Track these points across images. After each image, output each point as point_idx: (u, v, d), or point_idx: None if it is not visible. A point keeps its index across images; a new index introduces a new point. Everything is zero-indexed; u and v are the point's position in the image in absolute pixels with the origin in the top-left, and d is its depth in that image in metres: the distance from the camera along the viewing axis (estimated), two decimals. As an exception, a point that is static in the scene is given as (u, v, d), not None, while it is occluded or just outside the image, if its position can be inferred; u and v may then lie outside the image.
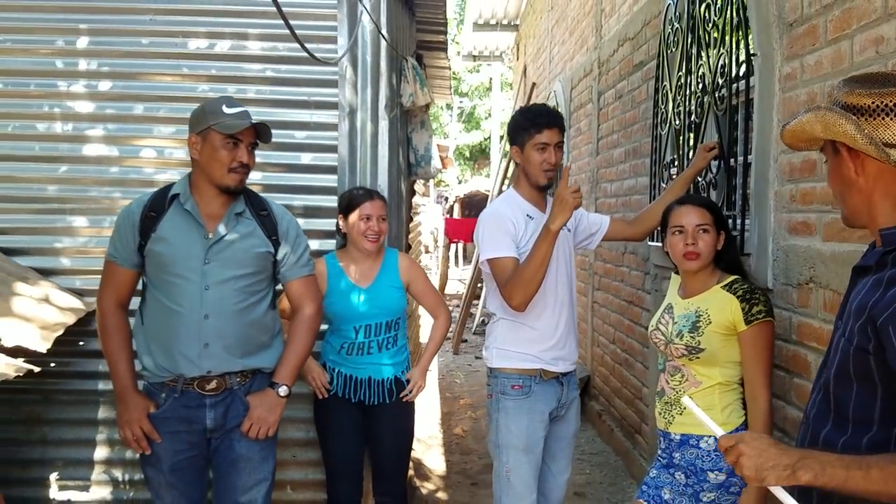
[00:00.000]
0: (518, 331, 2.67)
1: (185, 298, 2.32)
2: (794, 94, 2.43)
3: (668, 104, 3.74)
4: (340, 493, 2.89)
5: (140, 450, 2.36)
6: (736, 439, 1.33)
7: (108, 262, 2.41)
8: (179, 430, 2.37)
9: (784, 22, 2.50)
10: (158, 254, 2.33)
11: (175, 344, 2.33)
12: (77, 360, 3.11)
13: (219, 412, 2.38)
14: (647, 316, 4.19)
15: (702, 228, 2.31)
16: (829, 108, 1.35)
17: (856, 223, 1.44)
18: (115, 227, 2.40)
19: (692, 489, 2.29)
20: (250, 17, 3.08)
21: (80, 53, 3.07)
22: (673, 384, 2.36)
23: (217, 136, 2.28)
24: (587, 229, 2.90)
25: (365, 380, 2.86)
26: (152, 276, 2.37)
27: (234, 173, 2.31)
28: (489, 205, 3.19)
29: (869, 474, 1.19)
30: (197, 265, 2.32)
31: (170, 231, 2.33)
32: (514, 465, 2.65)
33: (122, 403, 2.36)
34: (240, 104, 2.36)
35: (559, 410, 2.74)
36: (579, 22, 6.44)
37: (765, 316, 2.19)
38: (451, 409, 6.23)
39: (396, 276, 2.93)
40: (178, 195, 2.36)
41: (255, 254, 2.39)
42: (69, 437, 3.12)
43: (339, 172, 3.10)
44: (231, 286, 2.35)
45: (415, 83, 3.28)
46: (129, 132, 3.10)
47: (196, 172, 2.37)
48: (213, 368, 2.36)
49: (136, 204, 2.39)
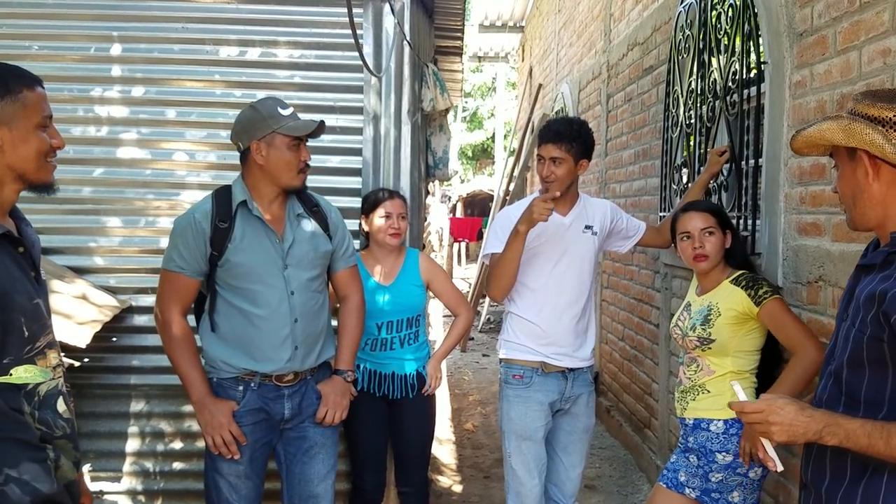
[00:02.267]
0: (520, 324, 2.86)
1: (271, 304, 2.33)
2: (804, 101, 2.54)
3: (679, 108, 3.85)
4: (366, 482, 3.01)
5: (229, 455, 2.34)
6: (765, 406, 1.47)
7: (172, 273, 2.34)
8: (259, 419, 2.40)
9: (794, 32, 2.62)
10: (239, 264, 2.31)
11: (263, 348, 2.35)
12: (110, 355, 3.21)
13: (295, 402, 2.44)
14: (657, 313, 4.31)
15: (707, 231, 2.50)
16: (853, 118, 1.48)
17: (863, 226, 1.55)
18: (176, 237, 2.34)
19: (702, 470, 2.45)
20: (280, 25, 3.18)
21: (113, 60, 3.17)
22: (689, 374, 2.55)
23: (283, 140, 2.29)
24: (624, 232, 3.02)
25: (389, 375, 2.98)
26: (227, 283, 2.35)
27: (302, 174, 2.36)
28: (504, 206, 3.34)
29: (889, 442, 1.35)
30: (278, 272, 2.35)
31: (246, 241, 2.33)
32: (513, 450, 2.84)
33: (206, 411, 2.32)
34: (287, 104, 2.39)
35: (563, 404, 2.86)
36: (587, 25, 6.55)
37: (771, 294, 2.37)
38: (460, 405, 6.34)
39: (417, 275, 3.05)
40: (245, 202, 2.34)
41: (322, 253, 2.46)
42: (102, 430, 3.22)
43: (364, 175, 3.21)
44: (309, 288, 2.41)
45: (435, 88, 3.40)
46: (161, 136, 3.19)
47: (256, 177, 2.35)
48: (298, 367, 2.42)
49: (199, 214, 2.33)
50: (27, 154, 1.58)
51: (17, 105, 1.56)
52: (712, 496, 2.42)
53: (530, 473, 2.81)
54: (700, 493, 2.44)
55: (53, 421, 1.61)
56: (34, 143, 1.59)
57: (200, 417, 2.35)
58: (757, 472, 2.40)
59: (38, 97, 1.61)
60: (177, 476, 3.25)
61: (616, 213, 2.98)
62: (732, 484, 2.40)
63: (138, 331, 3.21)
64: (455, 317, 3.17)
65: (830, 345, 1.61)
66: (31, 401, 1.57)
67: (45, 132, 1.62)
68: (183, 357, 2.35)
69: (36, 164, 1.60)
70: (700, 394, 2.48)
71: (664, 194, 4.09)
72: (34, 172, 1.61)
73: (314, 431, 2.50)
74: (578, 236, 2.84)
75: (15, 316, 1.51)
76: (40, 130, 1.61)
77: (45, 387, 1.61)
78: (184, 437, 3.24)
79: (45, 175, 1.65)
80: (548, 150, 2.75)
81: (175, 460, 3.25)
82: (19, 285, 1.55)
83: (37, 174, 1.62)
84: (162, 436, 3.25)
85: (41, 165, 1.62)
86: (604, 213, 2.93)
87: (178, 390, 3.19)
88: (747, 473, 2.39)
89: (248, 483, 2.41)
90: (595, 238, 2.88)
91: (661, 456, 4.15)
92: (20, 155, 1.58)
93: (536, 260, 2.80)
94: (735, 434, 2.40)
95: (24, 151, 1.58)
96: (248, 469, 2.40)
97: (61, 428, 1.63)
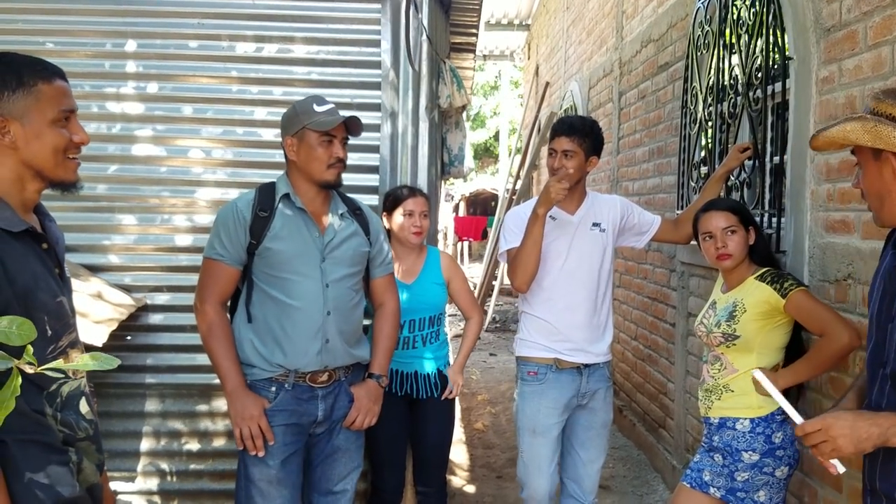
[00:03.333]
0: (533, 322, 2.89)
1: (306, 295, 2.34)
2: (833, 97, 2.51)
3: (698, 105, 3.82)
4: (385, 483, 2.98)
5: (254, 449, 2.30)
6: (822, 425, 1.45)
7: (213, 261, 2.35)
8: (291, 422, 2.37)
9: (821, 27, 2.58)
10: (277, 252, 2.32)
11: (294, 339, 2.34)
12: (125, 354, 3.17)
13: (328, 403, 2.42)
14: (673, 312, 4.28)
15: (729, 230, 2.48)
16: (879, 120, 1.45)
17: (892, 224, 1.55)
18: (218, 226, 2.36)
19: (728, 469, 2.42)
20: (296, 21, 3.15)
21: (129, 56, 3.15)
22: (713, 372, 2.53)
23: (313, 135, 2.32)
24: (637, 227, 3.01)
25: (411, 374, 2.95)
26: (263, 273, 2.36)
27: (333, 168, 2.36)
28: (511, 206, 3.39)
29: None
30: (315, 263, 2.36)
31: (285, 230, 2.34)
32: (526, 446, 2.87)
33: (238, 401, 2.30)
34: (329, 101, 2.40)
35: (579, 400, 2.87)
36: (598, 23, 6.51)
37: (797, 286, 2.35)
38: (469, 404, 6.31)
39: (439, 273, 3.03)
40: (288, 194, 2.37)
41: (361, 252, 2.48)
42: (117, 430, 3.20)
43: (381, 172, 3.18)
44: (345, 284, 2.42)
45: (452, 85, 3.37)
46: (176, 133, 3.17)
47: (294, 174, 2.39)
48: (329, 363, 2.40)
49: (242, 203, 2.36)
50: (42, 150, 1.52)
51: (31, 99, 1.50)
52: (738, 495, 2.39)
53: (541, 469, 2.83)
54: (725, 492, 2.42)
55: (76, 422, 1.58)
56: (49, 139, 1.52)
57: (231, 408, 2.32)
58: (783, 470, 2.38)
59: (56, 90, 1.54)
60: (192, 476, 3.23)
61: (627, 208, 2.98)
62: (758, 483, 2.38)
63: (153, 329, 3.19)
64: (466, 320, 3.16)
65: (874, 346, 1.57)
66: (52, 402, 1.53)
67: (64, 127, 1.55)
68: (220, 346, 2.33)
69: (53, 160, 1.53)
70: (724, 393, 2.46)
71: (682, 192, 4.06)
72: (52, 170, 1.54)
73: (339, 436, 2.49)
74: (587, 234, 2.87)
75: (38, 315, 1.47)
76: (58, 125, 1.54)
77: (68, 387, 1.57)
78: (199, 437, 3.22)
79: (65, 172, 1.57)
80: (560, 142, 2.78)
81: (190, 460, 3.23)
82: (42, 283, 1.51)
83: (54, 171, 1.55)
84: (177, 435, 3.22)
85: (59, 162, 1.55)
86: (613, 209, 2.94)
87: (192, 389, 3.21)
88: (773, 472, 2.37)
89: (283, 491, 2.35)
90: (604, 235, 2.89)
91: (678, 456, 4.12)
92: (34, 151, 1.51)
93: (546, 258, 2.82)
94: (762, 433, 2.37)
95: (39, 147, 1.51)
96: (280, 473, 2.34)
97: (84, 430, 1.60)
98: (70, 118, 1.57)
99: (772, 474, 2.37)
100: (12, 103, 1.48)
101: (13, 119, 1.49)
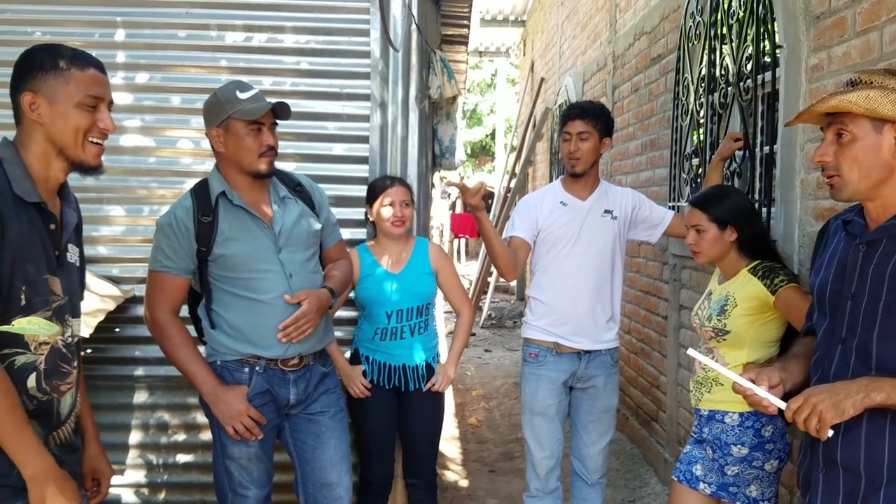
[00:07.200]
0: (537, 306, 2.98)
1: (274, 289, 2.29)
2: (822, 85, 2.50)
3: (690, 96, 3.81)
4: (374, 474, 2.97)
5: (254, 437, 2.31)
6: (803, 397, 1.47)
7: (160, 273, 2.29)
8: (266, 402, 2.37)
9: (811, 14, 2.57)
10: (232, 256, 2.27)
11: (266, 333, 2.30)
12: (113, 346, 3.17)
13: (300, 387, 2.41)
14: (665, 305, 4.27)
15: (696, 229, 2.46)
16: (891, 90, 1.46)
17: (860, 197, 1.56)
18: (160, 238, 2.29)
19: (717, 463, 2.40)
20: (285, 10, 3.13)
21: (117, 45, 3.12)
22: (703, 365, 2.46)
23: (239, 124, 2.22)
24: (648, 220, 3.03)
25: (399, 367, 2.93)
26: (223, 276, 2.31)
27: (265, 157, 2.26)
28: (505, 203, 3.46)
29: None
30: (272, 256, 2.31)
31: (233, 231, 2.28)
32: (526, 423, 3.01)
33: (220, 402, 2.28)
34: (252, 86, 2.31)
35: (575, 382, 2.94)
36: (592, 17, 6.50)
37: (788, 282, 2.32)
38: (463, 399, 6.31)
39: (427, 263, 3.00)
40: (224, 192, 2.29)
41: (314, 232, 2.44)
42: (105, 422, 3.14)
43: (370, 163, 3.16)
44: (306, 269, 2.39)
45: (443, 75, 3.35)
46: (165, 123, 3.15)
47: (225, 165, 2.31)
48: (304, 351, 2.38)
49: (180, 211, 2.28)
50: (64, 129, 1.64)
51: (61, 80, 1.63)
52: (730, 490, 2.37)
53: (541, 446, 2.95)
54: (717, 488, 2.39)
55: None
56: (73, 119, 1.64)
57: (216, 410, 2.30)
58: (773, 464, 2.36)
59: (87, 77, 1.67)
60: (181, 468, 3.22)
61: (639, 201, 3.01)
62: (749, 478, 2.35)
63: (141, 321, 3.10)
64: (457, 315, 3.14)
65: (830, 325, 1.61)
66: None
67: (89, 112, 1.67)
68: (184, 354, 2.30)
69: (73, 140, 1.65)
70: (714, 386, 2.44)
71: (673, 184, 4.05)
72: (72, 148, 1.66)
73: (322, 416, 2.48)
74: (598, 220, 2.90)
75: (16, 282, 1.57)
76: (83, 108, 1.65)
77: (24, 359, 1.61)
78: (188, 429, 3.20)
79: (85, 155, 1.69)
80: (574, 125, 2.84)
81: (179, 452, 3.21)
82: (33, 255, 1.60)
83: (75, 151, 1.66)
84: (165, 428, 3.21)
85: (79, 143, 1.66)
86: (625, 199, 2.99)
87: (181, 381, 3.16)
88: (763, 466, 2.34)
89: (260, 465, 2.39)
90: (615, 223, 2.90)
91: (670, 449, 4.11)
92: (58, 128, 1.64)
93: (555, 243, 2.87)
94: (751, 427, 2.35)
95: (62, 125, 1.64)
96: (259, 451, 2.37)
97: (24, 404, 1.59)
98: (98, 105, 1.69)
99: (761, 468, 2.35)
100: (44, 83, 1.63)
101: (43, 97, 1.63)
